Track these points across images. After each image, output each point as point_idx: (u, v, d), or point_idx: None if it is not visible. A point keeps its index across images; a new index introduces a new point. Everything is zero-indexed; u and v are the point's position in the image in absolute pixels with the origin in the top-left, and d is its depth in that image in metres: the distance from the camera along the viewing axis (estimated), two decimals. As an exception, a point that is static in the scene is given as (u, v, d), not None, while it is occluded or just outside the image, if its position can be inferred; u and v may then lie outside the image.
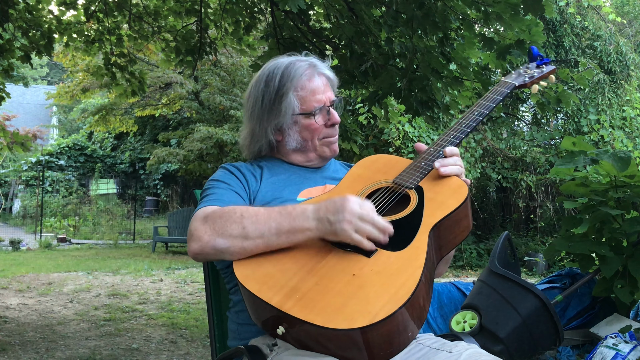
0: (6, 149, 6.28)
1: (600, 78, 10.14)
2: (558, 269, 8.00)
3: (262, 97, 1.41)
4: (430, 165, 1.33)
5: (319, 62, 1.44)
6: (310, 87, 1.40)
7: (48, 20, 5.24)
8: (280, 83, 1.39)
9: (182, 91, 13.85)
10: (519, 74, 1.56)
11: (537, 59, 1.59)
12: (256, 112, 1.42)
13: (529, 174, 10.09)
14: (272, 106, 1.40)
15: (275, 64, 1.43)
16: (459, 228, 1.26)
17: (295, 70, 1.39)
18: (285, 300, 1.06)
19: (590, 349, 2.97)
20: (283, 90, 1.38)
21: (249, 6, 4.76)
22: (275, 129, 1.42)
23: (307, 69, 1.40)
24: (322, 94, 1.41)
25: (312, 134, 1.42)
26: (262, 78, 1.43)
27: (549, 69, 1.57)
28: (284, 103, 1.38)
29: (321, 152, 1.45)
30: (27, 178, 17.88)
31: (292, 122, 1.40)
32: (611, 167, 2.95)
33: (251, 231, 1.16)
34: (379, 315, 1.00)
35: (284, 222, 1.16)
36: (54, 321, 4.73)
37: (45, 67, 35.35)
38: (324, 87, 1.42)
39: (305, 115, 1.40)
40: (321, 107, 1.40)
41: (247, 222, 1.17)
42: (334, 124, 1.44)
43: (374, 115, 8.64)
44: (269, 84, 1.40)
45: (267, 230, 1.16)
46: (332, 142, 1.45)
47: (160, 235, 11.66)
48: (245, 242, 1.16)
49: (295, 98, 1.39)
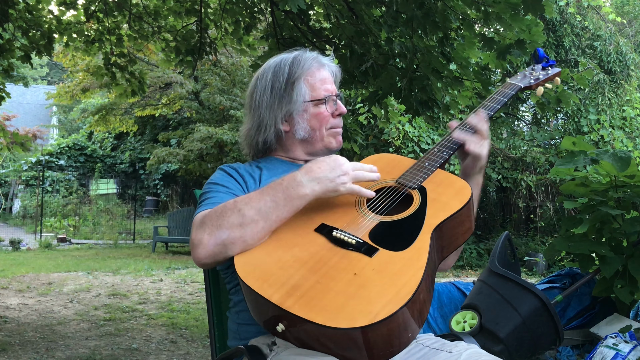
0: (6, 149, 6.28)
1: (600, 78, 10.14)
2: (558, 269, 8.00)
3: (272, 86, 1.42)
4: (434, 166, 1.32)
5: (324, 57, 1.48)
6: (319, 76, 1.43)
7: (48, 20, 5.24)
8: (290, 71, 1.41)
9: (182, 91, 13.85)
10: (524, 76, 1.56)
11: (543, 60, 1.58)
12: (265, 101, 1.42)
13: (529, 174, 10.09)
14: (283, 93, 1.41)
15: (280, 57, 1.46)
16: (461, 229, 1.26)
17: (304, 59, 1.43)
18: (286, 297, 1.06)
19: (590, 349, 2.97)
20: (294, 77, 1.41)
21: (249, 6, 4.76)
22: (285, 118, 1.43)
23: (316, 58, 1.45)
24: (330, 85, 1.45)
25: (321, 122, 1.43)
26: (268, 70, 1.44)
27: (555, 71, 1.57)
28: (296, 89, 1.41)
29: (327, 143, 1.45)
30: (27, 178, 17.87)
31: (303, 109, 1.42)
32: (611, 167, 2.94)
33: (248, 212, 1.16)
34: (379, 315, 1.00)
35: (278, 193, 1.18)
36: (54, 321, 4.73)
37: (45, 67, 35.34)
38: (331, 79, 1.46)
39: (315, 103, 1.42)
40: (330, 96, 1.43)
41: (241, 205, 1.17)
42: (341, 113, 1.46)
43: (374, 115, 8.63)
44: (277, 74, 1.42)
45: (264, 205, 1.17)
46: (338, 134, 1.47)
47: (160, 235, 11.66)
48: (246, 225, 1.15)
49: (306, 85, 1.41)
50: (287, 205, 1.18)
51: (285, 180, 1.20)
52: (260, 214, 1.16)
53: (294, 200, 1.18)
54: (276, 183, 1.20)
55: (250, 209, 1.17)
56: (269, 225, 1.17)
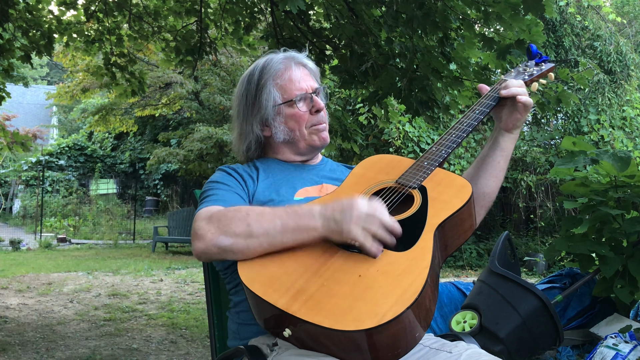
0: (6, 149, 6.27)
1: (600, 78, 10.13)
2: (558, 269, 8.00)
3: (246, 95, 1.44)
4: (433, 165, 1.32)
5: (296, 54, 1.46)
6: (289, 77, 1.42)
7: (48, 20, 5.23)
8: (259, 77, 1.42)
9: (182, 91, 13.85)
10: (518, 72, 1.56)
11: (536, 56, 1.58)
12: (242, 110, 1.45)
13: (529, 174, 10.08)
14: (254, 101, 1.42)
15: (255, 64, 1.47)
16: (463, 227, 1.26)
17: (272, 63, 1.43)
18: (292, 302, 1.05)
19: (590, 349, 2.97)
20: (262, 83, 1.41)
21: (249, 6, 4.76)
22: (261, 124, 1.43)
23: (284, 60, 1.43)
24: (303, 82, 1.42)
25: (298, 122, 1.42)
26: (244, 78, 1.47)
27: (548, 66, 1.57)
28: (264, 95, 1.40)
29: (310, 141, 1.44)
30: (27, 178, 17.87)
31: (276, 113, 1.41)
32: (611, 167, 2.94)
33: (256, 229, 1.15)
34: (386, 317, 1.00)
35: (290, 220, 1.16)
36: (54, 321, 4.73)
37: (45, 67, 35.35)
38: (304, 76, 1.44)
39: (287, 104, 1.41)
40: (303, 95, 1.42)
41: (251, 220, 1.16)
42: (318, 110, 1.43)
43: (374, 115, 8.64)
44: (250, 82, 1.44)
45: (272, 227, 1.15)
46: (321, 130, 1.44)
47: (160, 235, 11.65)
48: (249, 240, 1.15)
49: (275, 89, 1.41)
50: (295, 236, 1.15)
51: (303, 208, 1.18)
52: (266, 236, 1.15)
53: (302, 232, 1.15)
54: (293, 209, 1.18)
55: (259, 228, 1.15)
56: (270, 248, 1.16)
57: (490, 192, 1.43)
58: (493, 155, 1.44)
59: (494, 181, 1.43)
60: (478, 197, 1.41)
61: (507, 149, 1.44)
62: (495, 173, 1.43)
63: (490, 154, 1.45)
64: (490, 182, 1.43)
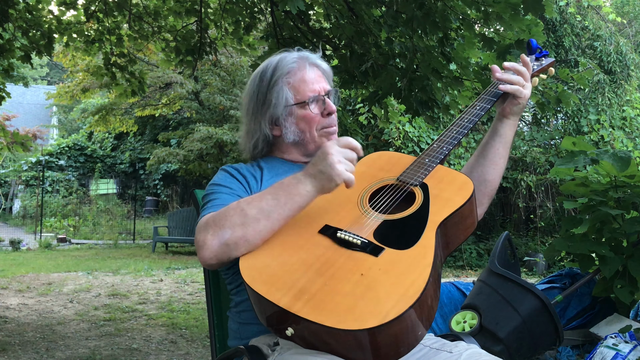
0: (6, 149, 6.28)
1: (600, 78, 10.13)
2: (558, 269, 8.00)
3: (257, 92, 1.42)
4: (434, 162, 1.32)
5: (311, 54, 1.44)
6: (302, 77, 1.40)
7: (48, 20, 5.24)
8: (272, 76, 1.40)
9: (182, 91, 13.84)
10: None
11: (536, 51, 1.58)
12: (251, 107, 1.43)
13: (529, 174, 10.09)
14: (264, 99, 1.40)
15: (268, 61, 1.44)
16: (465, 225, 1.26)
17: (286, 62, 1.40)
18: (294, 301, 1.05)
19: (590, 349, 2.97)
20: (274, 81, 1.39)
21: (249, 6, 4.76)
22: (271, 122, 1.41)
23: (297, 59, 1.41)
24: (316, 84, 1.41)
25: (309, 124, 1.40)
26: (256, 75, 1.44)
27: (548, 61, 1.57)
28: (276, 94, 1.39)
29: (320, 144, 1.42)
30: (27, 178, 17.87)
31: (288, 113, 1.40)
32: (611, 167, 2.94)
33: (249, 211, 1.16)
34: (389, 315, 1.00)
35: (280, 192, 1.18)
36: (54, 321, 4.73)
37: (45, 67, 35.33)
38: (317, 78, 1.42)
39: (299, 106, 1.39)
40: (316, 97, 1.40)
41: (243, 206, 1.18)
42: (330, 112, 1.42)
43: (374, 115, 8.64)
44: (262, 79, 1.42)
45: (265, 203, 1.17)
46: (331, 133, 1.43)
47: (160, 235, 11.65)
48: (247, 223, 1.15)
49: (288, 88, 1.39)
50: (289, 203, 1.18)
51: (286, 179, 1.21)
52: (262, 213, 1.16)
53: (295, 197, 1.18)
54: (278, 183, 1.21)
55: (252, 208, 1.17)
56: (271, 224, 1.17)
57: (492, 179, 1.43)
58: (492, 142, 1.44)
59: (494, 169, 1.43)
60: (479, 185, 1.41)
61: (505, 135, 1.45)
62: (495, 160, 1.43)
63: (490, 141, 1.45)
64: (490, 169, 1.43)
